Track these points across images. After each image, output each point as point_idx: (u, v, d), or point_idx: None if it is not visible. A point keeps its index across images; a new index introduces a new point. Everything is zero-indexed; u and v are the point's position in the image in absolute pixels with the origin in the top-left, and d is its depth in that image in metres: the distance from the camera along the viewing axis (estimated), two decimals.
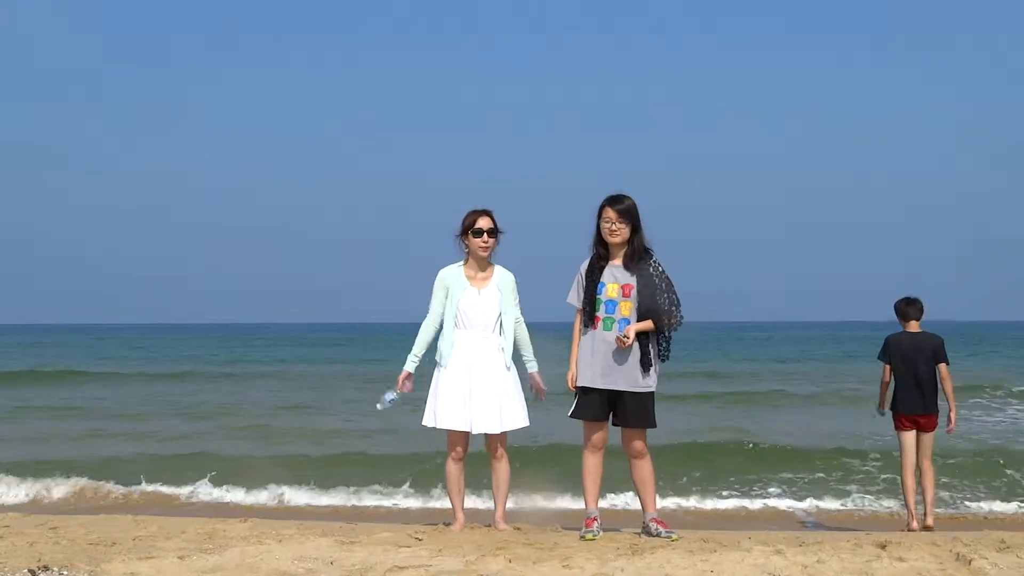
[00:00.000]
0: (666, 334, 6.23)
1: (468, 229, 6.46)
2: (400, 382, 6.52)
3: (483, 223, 6.46)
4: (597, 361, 6.15)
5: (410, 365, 6.51)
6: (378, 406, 6.53)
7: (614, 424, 6.27)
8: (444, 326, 6.52)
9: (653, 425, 6.23)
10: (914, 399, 7.81)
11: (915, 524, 7.77)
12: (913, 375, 7.82)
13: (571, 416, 6.30)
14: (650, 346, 6.18)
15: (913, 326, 7.94)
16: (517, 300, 6.58)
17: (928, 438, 7.86)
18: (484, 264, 6.53)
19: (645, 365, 6.15)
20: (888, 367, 7.93)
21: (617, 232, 6.17)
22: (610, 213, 6.17)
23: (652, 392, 6.21)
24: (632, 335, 6.07)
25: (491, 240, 6.48)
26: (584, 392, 6.22)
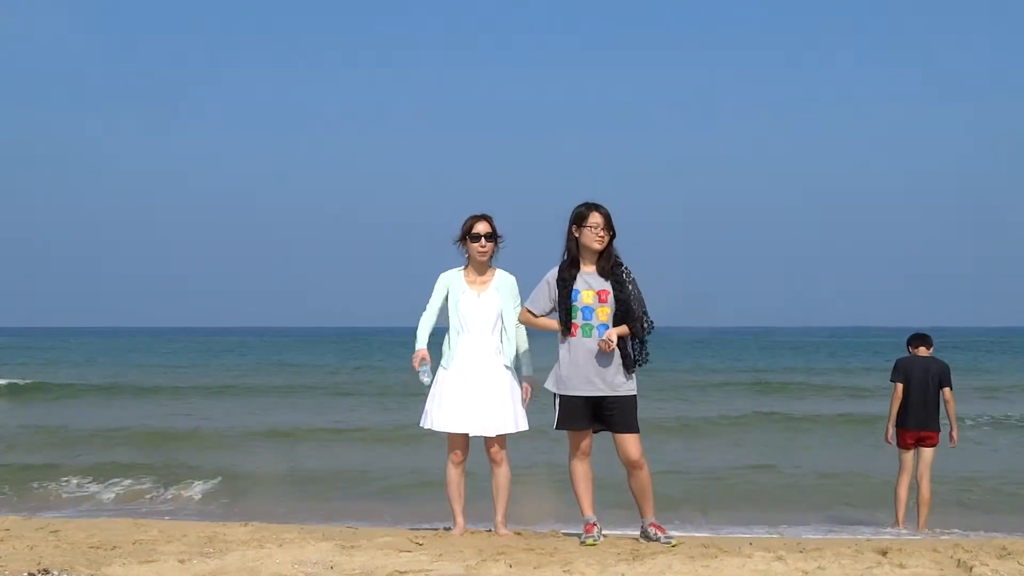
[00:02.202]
0: (641, 339, 6.24)
1: (466, 234, 6.50)
2: (418, 360, 6.45)
3: (480, 228, 6.49)
4: (579, 369, 6.14)
5: (420, 344, 6.47)
6: (425, 379, 6.47)
7: (600, 430, 6.26)
8: (448, 332, 6.53)
9: (637, 429, 6.22)
10: (920, 416, 8.37)
11: (898, 523, 8.41)
12: (921, 394, 8.39)
13: (557, 428, 6.27)
14: (629, 350, 6.19)
15: (922, 351, 8.56)
16: (518, 303, 6.58)
17: (929, 453, 8.41)
18: (484, 268, 6.54)
19: (627, 368, 6.17)
20: (900, 386, 8.46)
21: (602, 238, 6.18)
22: (598, 219, 6.18)
23: (635, 396, 6.22)
24: (615, 339, 6.08)
25: (489, 244, 6.50)
26: (567, 401, 6.21)
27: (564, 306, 6.18)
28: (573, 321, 6.16)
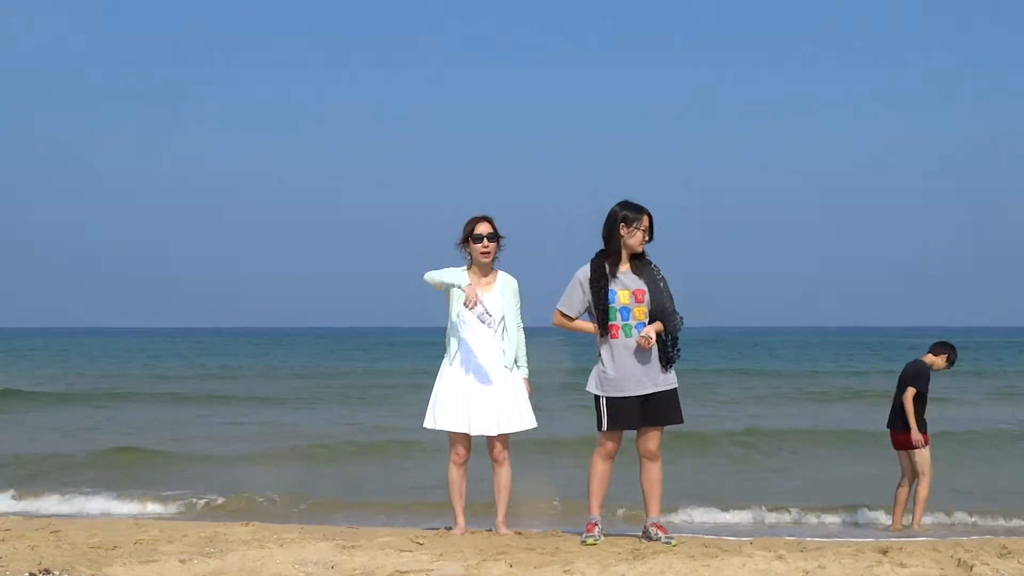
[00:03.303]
0: (674, 335, 6.28)
1: (468, 236, 6.49)
2: (474, 297, 6.31)
3: (482, 228, 6.48)
4: (626, 369, 6.16)
5: (461, 279, 6.39)
6: (479, 311, 6.38)
7: (641, 425, 6.25)
8: (448, 328, 6.53)
9: (682, 420, 6.30)
10: (893, 417, 8.61)
11: (894, 527, 8.55)
12: (896, 397, 8.62)
13: (607, 429, 6.22)
14: (666, 344, 6.24)
15: (927, 358, 8.65)
16: (519, 305, 6.59)
17: (913, 455, 8.46)
18: (487, 269, 6.55)
19: (666, 363, 6.22)
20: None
21: (646, 240, 6.24)
22: (647, 222, 6.23)
23: (677, 388, 6.29)
24: (654, 335, 6.12)
25: (491, 245, 6.49)
26: (618, 403, 6.18)
27: (601, 307, 6.19)
28: (612, 323, 6.17)
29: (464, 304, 6.32)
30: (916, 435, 8.38)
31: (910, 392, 8.41)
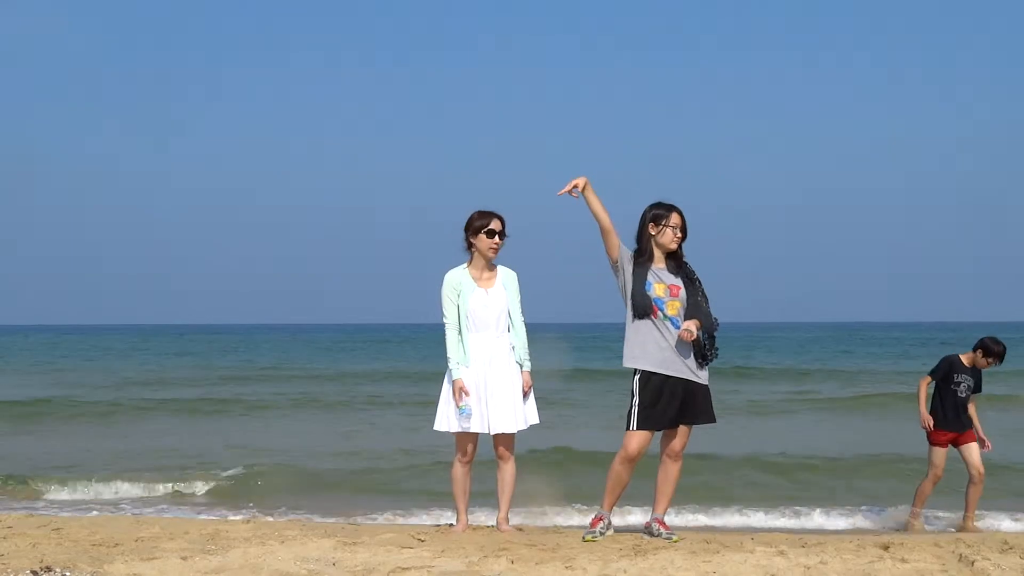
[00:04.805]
0: (710, 334, 6.26)
1: (481, 230, 6.45)
2: (460, 393, 6.35)
3: (495, 225, 6.47)
4: (666, 347, 6.12)
5: (457, 373, 6.40)
6: (460, 424, 6.37)
7: (674, 424, 6.22)
8: (447, 329, 6.50)
9: (714, 419, 6.30)
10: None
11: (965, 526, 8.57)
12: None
13: (635, 428, 6.15)
14: (703, 343, 6.22)
15: (965, 353, 8.59)
16: (520, 298, 6.58)
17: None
18: (489, 265, 6.54)
19: (702, 360, 6.21)
20: None
21: (679, 238, 6.23)
22: (678, 219, 6.22)
23: (708, 386, 6.30)
24: (695, 329, 6.09)
25: (500, 242, 6.50)
26: (653, 395, 6.12)
27: (640, 290, 6.15)
28: (654, 305, 6.16)
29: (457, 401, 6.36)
30: (924, 418, 8.33)
31: (923, 380, 8.43)
